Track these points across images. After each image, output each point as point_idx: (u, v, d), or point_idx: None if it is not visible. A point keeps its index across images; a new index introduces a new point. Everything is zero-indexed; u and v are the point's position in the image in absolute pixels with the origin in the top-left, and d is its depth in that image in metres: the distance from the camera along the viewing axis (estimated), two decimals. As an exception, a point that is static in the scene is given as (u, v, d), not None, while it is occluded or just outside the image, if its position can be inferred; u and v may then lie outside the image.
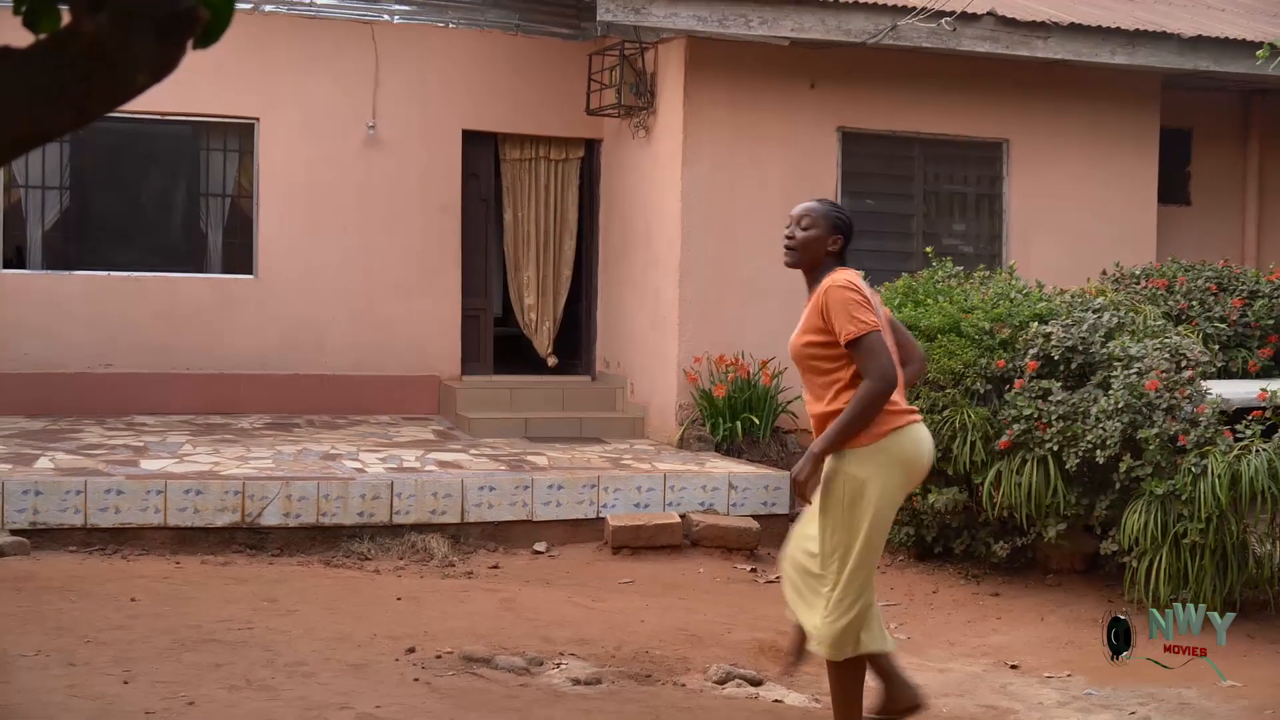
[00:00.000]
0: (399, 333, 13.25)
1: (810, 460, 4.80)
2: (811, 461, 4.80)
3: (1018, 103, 12.84)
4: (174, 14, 1.24)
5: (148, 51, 1.24)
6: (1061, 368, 8.17)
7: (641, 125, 12.55)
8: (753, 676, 6.16)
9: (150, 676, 5.44)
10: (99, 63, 1.23)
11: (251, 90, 12.82)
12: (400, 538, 8.98)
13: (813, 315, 4.98)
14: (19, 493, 8.51)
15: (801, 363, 5.04)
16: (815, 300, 4.99)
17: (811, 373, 5.00)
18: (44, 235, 12.76)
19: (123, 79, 1.25)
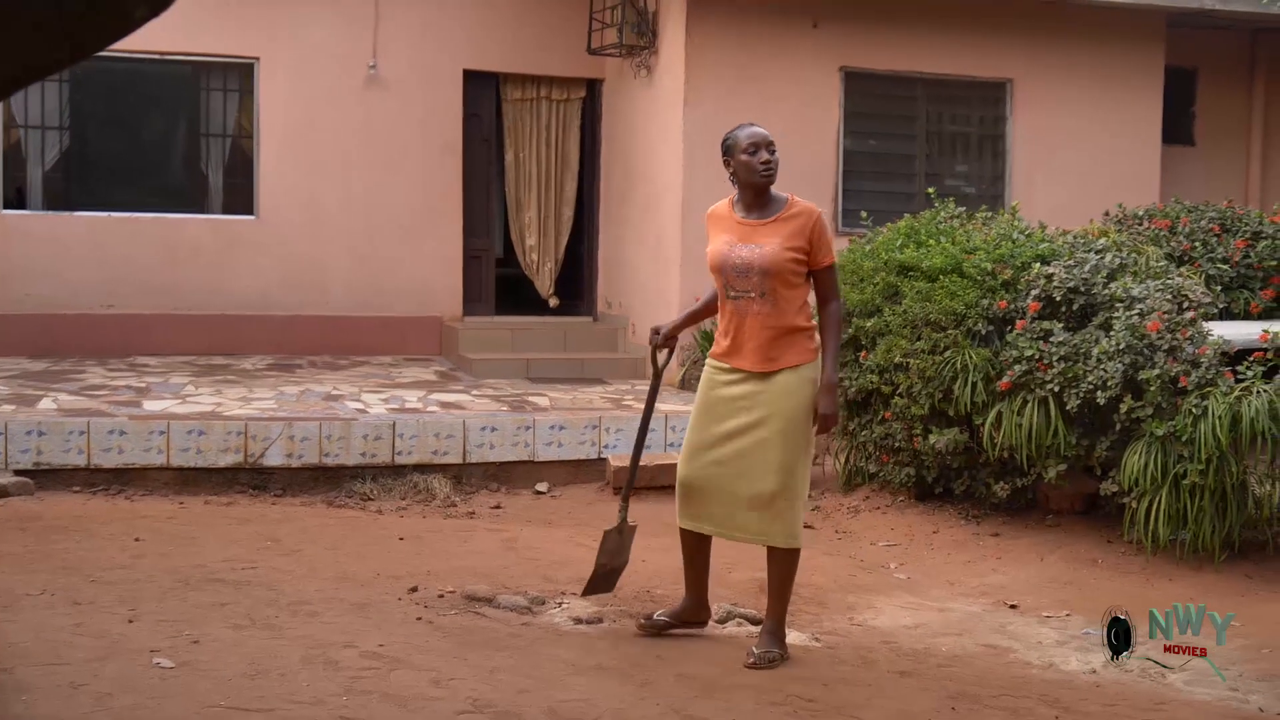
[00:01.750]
0: (401, 274, 13.24)
1: (833, 392, 5.37)
2: (834, 393, 5.38)
3: (1021, 43, 12.76)
4: (172, -52, 1.23)
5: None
6: (1063, 309, 8.16)
7: (643, 65, 12.49)
8: (753, 615, 6.19)
9: (155, 615, 5.48)
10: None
11: (251, 29, 12.75)
12: (402, 478, 9.01)
13: (798, 235, 5.39)
14: (22, 433, 8.53)
15: (775, 276, 5.37)
16: (801, 223, 5.42)
17: (783, 286, 5.38)
18: (44, 175, 12.73)
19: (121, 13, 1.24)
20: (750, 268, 5.43)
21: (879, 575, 7.61)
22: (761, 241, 5.42)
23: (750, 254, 5.44)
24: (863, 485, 9.37)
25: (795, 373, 5.37)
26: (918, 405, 8.50)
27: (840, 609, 6.74)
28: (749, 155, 5.50)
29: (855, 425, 9.25)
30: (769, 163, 5.48)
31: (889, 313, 8.78)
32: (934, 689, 5.23)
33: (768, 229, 5.45)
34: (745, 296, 5.47)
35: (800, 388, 5.36)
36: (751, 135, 5.54)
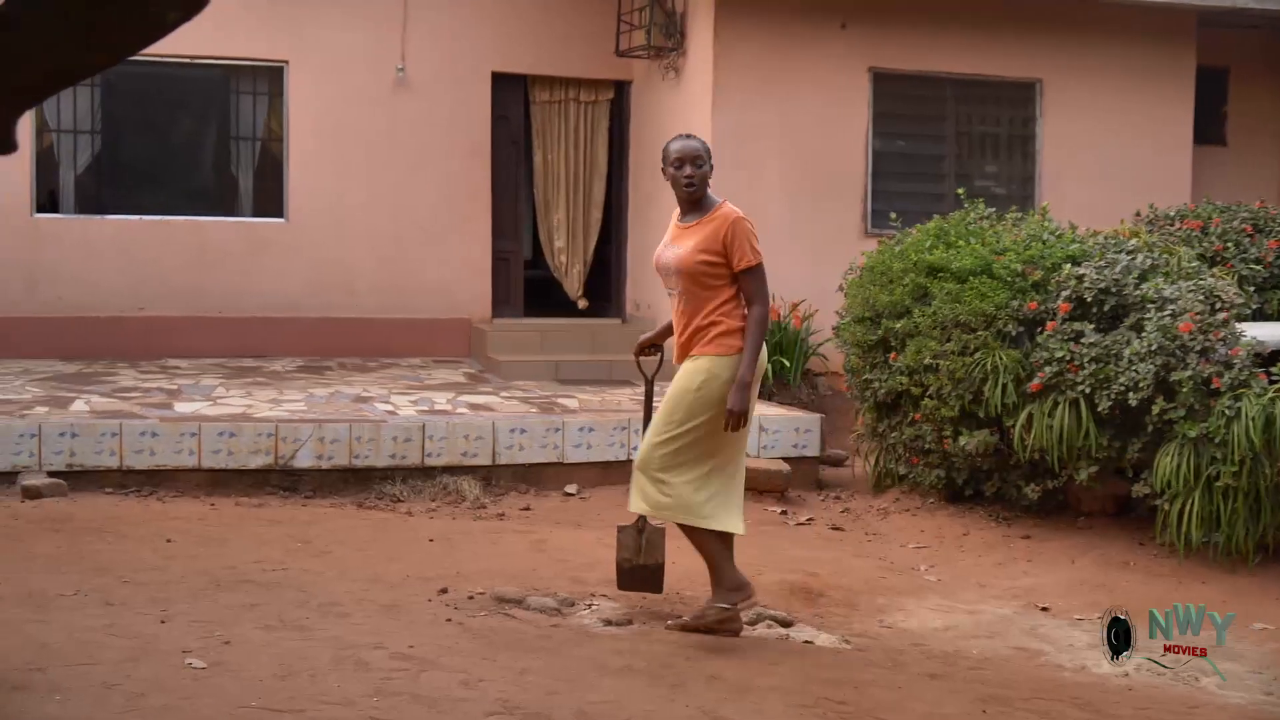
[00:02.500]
0: (429, 275, 13.26)
1: (745, 390, 5.61)
2: (746, 391, 5.61)
3: (1051, 43, 12.71)
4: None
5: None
6: (1094, 310, 8.12)
7: (671, 66, 12.48)
8: (783, 618, 6.18)
9: (187, 616, 5.50)
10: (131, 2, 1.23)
11: (281, 33, 12.80)
12: (432, 479, 9.02)
13: (711, 239, 5.70)
14: (56, 435, 8.58)
15: (687, 276, 5.73)
16: (715, 227, 5.74)
17: (697, 286, 5.72)
18: (76, 179, 12.81)
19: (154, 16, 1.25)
20: (669, 268, 5.84)
21: (909, 577, 7.58)
22: (682, 244, 5.79)
23: (670, 255, 5.84)
24: (892, 487, 9.34)
25: (694, 361, 5.76)
26: (948, 407, 8.47)
27: (870, 611, 6.72)
28: (675, 169, 5.90)
29: (885, 427, 9.23)
30: (691, 178, 5.83)
31: (918, 314, 8.75)
32: (965, 692, 5.21)
33: (690, 232, 5.81)
34: (672, 295, 5.91)
35: (694, 374, 5.72)
36: (679, 150, 5.91)
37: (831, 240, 11.87)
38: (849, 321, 9.54)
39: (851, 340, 9.44)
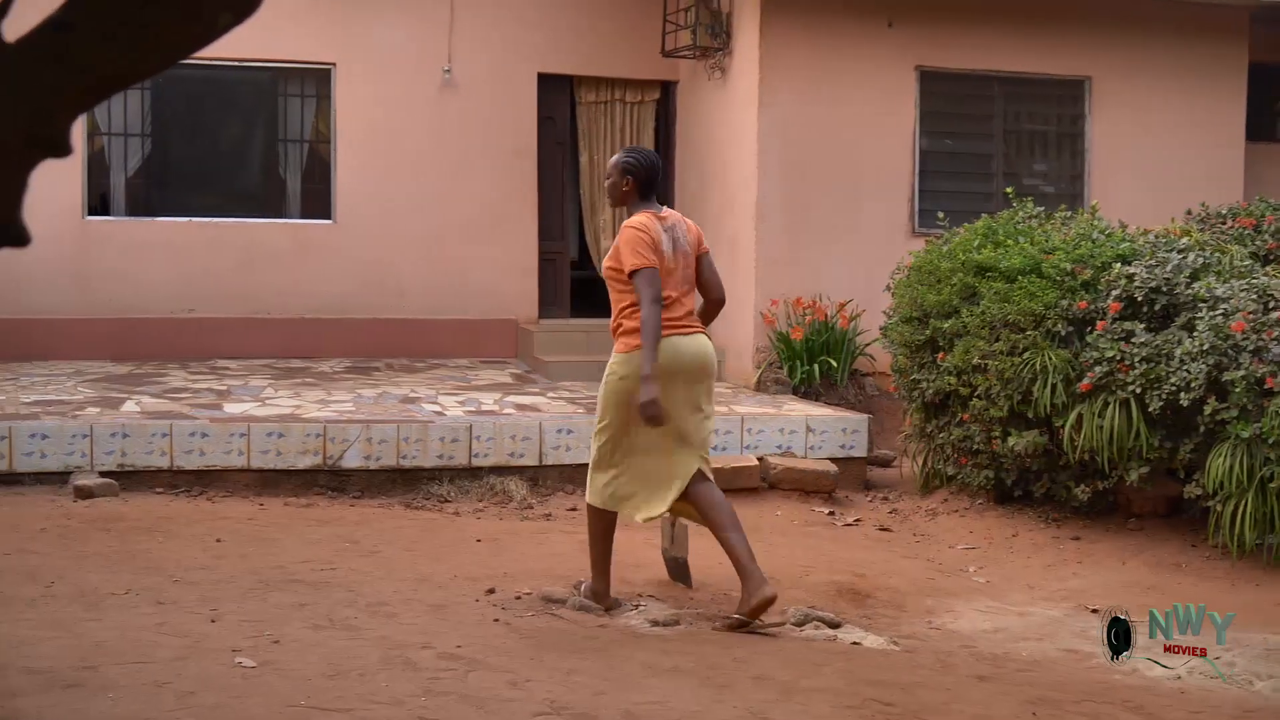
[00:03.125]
0: (476, 276, 13.30)
1: (648, 383, 5.89)
2: (649, 384, 5.89)
3: (1100, 39, 12.61)
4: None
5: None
6: (1145, 309, 8.05)
7: (717, 66, 12.47)
8: (831, 619, 6.16)
9: (236, 615, 5.54)
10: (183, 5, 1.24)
11: (328, 35, 12.87)
12: (479, 480, 9.05)
13: (613, 248, 6.19)
14: (107, 435, 8.66)
15: (607, 282, 6.24)
16: (618, 237, 6.18)
17: (611, 290, 6.22)
18: (127, 182, 12.93)
19: (207, 20, 1.25)
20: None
21: (957, 579, 7.54)
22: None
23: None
24: (941, 488, 9.30)
25: (610, 361, 6.18)
26: (996, 407, 8.42)
27: (919, 612, 6.69)
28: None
29: (933, 427, 9.18)
30: (609, 187, 6.37)
31: (967, 314, 8.71)
32: (1014, 694, 5.18)
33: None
34: None
35: (608, 373, 6.17)
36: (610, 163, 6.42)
37: (878, 240, 11.83)
38: (896, 321, 9.50)
39: (899, 340, 9.40)
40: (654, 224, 6.13)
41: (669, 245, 6.16)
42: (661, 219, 6.20)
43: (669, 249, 6.15)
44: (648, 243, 6.03)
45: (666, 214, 6.29)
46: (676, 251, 6.20)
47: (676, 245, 6.21)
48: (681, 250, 6.22)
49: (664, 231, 6.16)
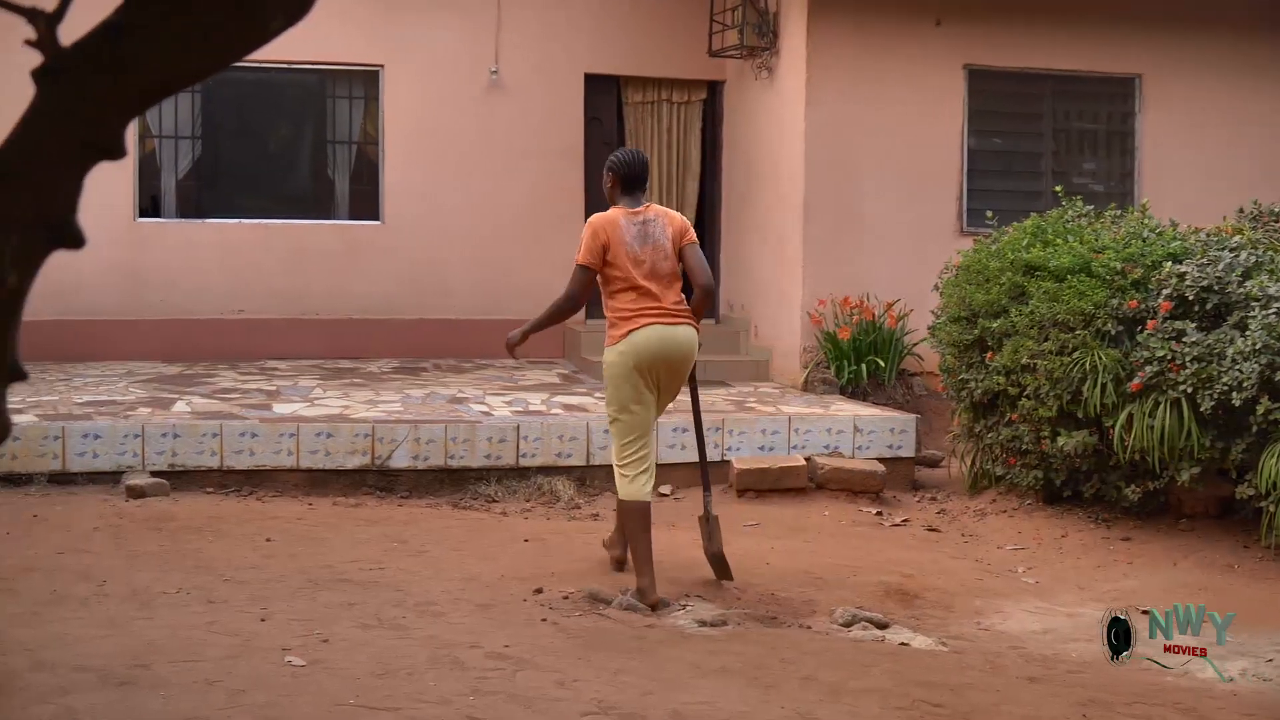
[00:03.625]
0: (522, 276, 13.32)
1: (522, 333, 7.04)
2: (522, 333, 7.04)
3: (1151, 37, 12.50)
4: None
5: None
6: (1196, 308, 7.97)
7: (764, 66, 12.45)
8: (879, 619, 6.14)
9: (286, 614, 5.57)
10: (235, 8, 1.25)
11: (376, 37, 12.93)
12: (526, 480, 9.07)
13: None
14: (158, 436, 8.74)
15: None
16: None
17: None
18: (177, 184, 13.04)
19: (258, 24, 1.26)
20: None
21: (1006, 579, 7.50)
22: None
23: None
24: (989, 488, 9.25)
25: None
26: (1045, 407, 8.36)
27: (967, 613, 6.66)
28: None
29: (981, 427, 9.14)
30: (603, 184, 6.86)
31: (1015, 313, 8.65)
32: (1064, 695, 5.14)
33: None
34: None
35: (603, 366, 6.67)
36: None
37: (926, 239, 11.77)
38: (944, 321, 9.46)
39: (947, 340, 9.36)
40: (615, 220, 6.51)
41: (636, 239, 6.50)
42: (634, 214, 6.56)
43: (635, 242, 6.49)
44: (591, 242, 6.51)
45: (644, 209, 6.61)
46: (646, 244, 6.51)
47: (648, 238, 6.52)
48: (654, 242, 6.52)
49: (632, 225, 6.52)
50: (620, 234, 6.48)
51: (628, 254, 6.47)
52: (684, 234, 6.63)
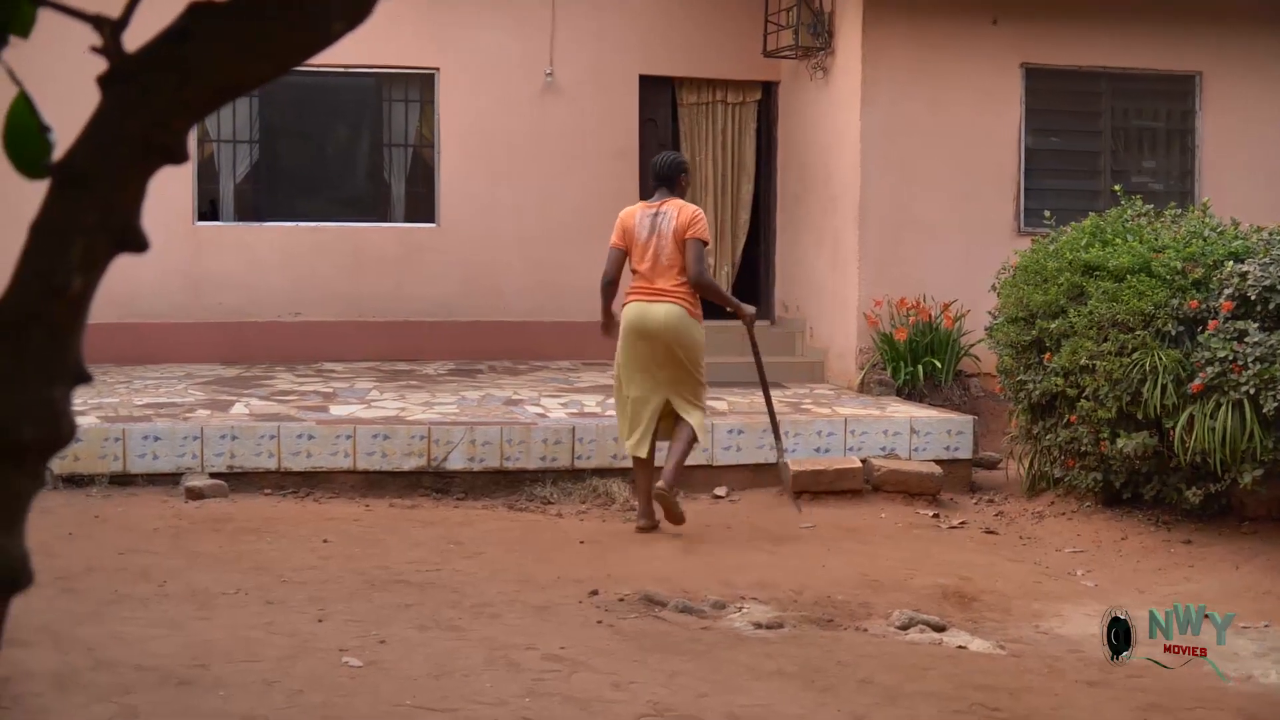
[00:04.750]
0: (577, 278, 13.32)
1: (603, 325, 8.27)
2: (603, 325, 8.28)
3: (1211, 34, 12.36)
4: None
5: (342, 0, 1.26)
6: (1259, 308, 7.87)
7: (819, 66, 12.41)
8: (936, 622, 6.10)
9: (343, 615, 5.61)
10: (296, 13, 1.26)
11: (431, 41, 12.99)
12: (582, 482, 9.07)
13: None
14: (217, 437, 8.81)
15: None
16: None
17: None
18: (235, 188, 13.15)
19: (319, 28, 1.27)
20: None
21: (1065, 582, 7.44)
22: None
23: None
24: (1047, 490, 9.17)
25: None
26: (1104, 408, 8.29)
27: (1025, 616, 6.60)
28: None
29: (1039, 429, 9.06)
30: None
31: (1074, 314, 8.58)
32: (1124, 700, 5.09)
33: None
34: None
35: None
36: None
37: (983, 239, 11.70)
38: (1002, 322, 9.39)
39: (1005, 341, 9.29)
40: (633, 212, 7.93)
41: (645, 228, 7.76)
42: (651, 207, 7.84)
43: (644, 231, 7.76)
44: (616, 227, 7.94)
45: (661, 203, 7.83)
46: (652, 234, 7.74)
47: (654, 229, 7.74)
48: (659, 233, 7.72)
49: (645, 217, 7.79)
50: (634, 223, 7.80)
51: (636, 241, 7.78)
52: (687, 228, 7.69)
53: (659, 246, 7.71)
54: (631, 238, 7.79)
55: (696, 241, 7.68)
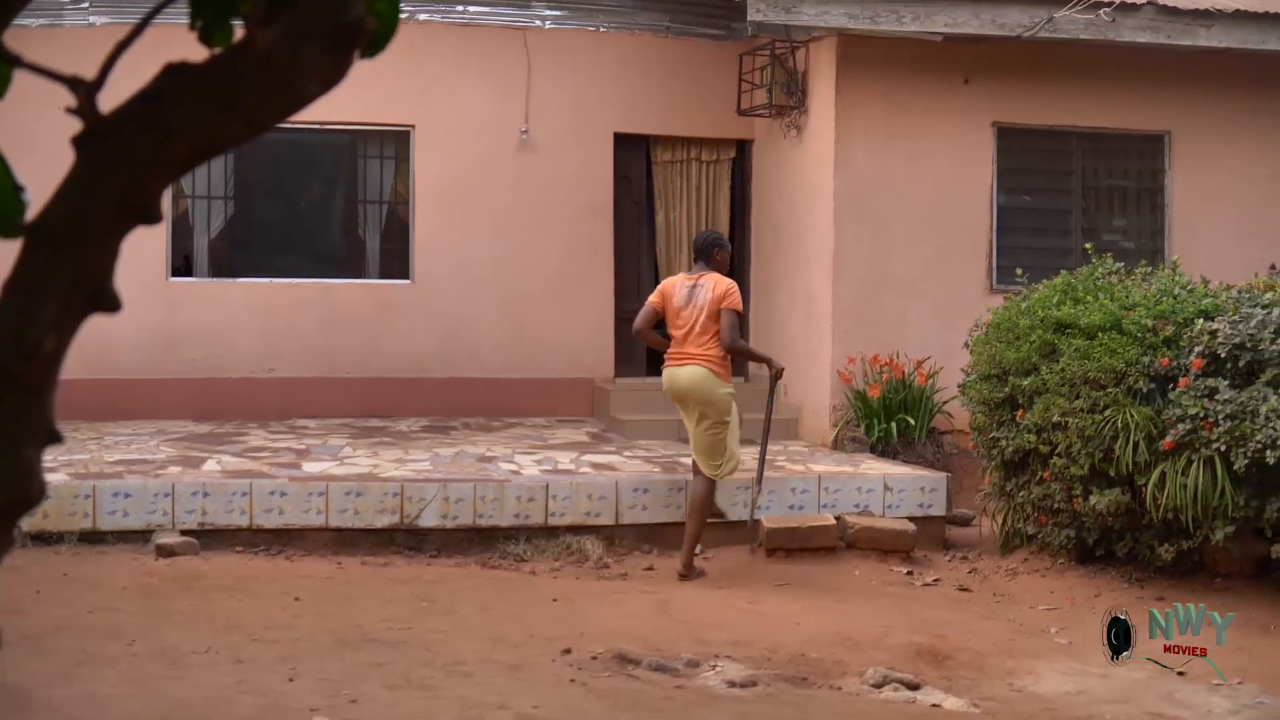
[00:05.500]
0: (552, 335, 13.36)
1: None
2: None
3: (1179, 94, 12.50)
4: (343, 25, 1.26)
5: (318, 63, 1.27)
6: (1229, 365, 7.93)
7: (793, 125, 12.50)
8: (910, 680, 6.09)
9: (314, 674, 5.56)
10: (271, 75, 1.26)
11: (407, 98, 13.03)
12: (555, 539, 9.05)
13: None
14: (188, 494, 8.76)
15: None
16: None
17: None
18: (210, 244, 13.13)
19: (294, 90, 1.28)
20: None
21: (1039, 639, 7.43)
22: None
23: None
24: (1021, 547, 9.18)
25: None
26: (1077, 465, 8.32)
27: (999, 674, 6.59)
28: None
29: (1012, 486, 9.08)
30: None
31: (1046, 371, 8.62)
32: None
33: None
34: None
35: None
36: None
37: (956, 297, 11.76)
38: (975, 379, 9.43)
39: (977, 398, 9.33)
40: (675, 282, 8.80)
41: (683, 298, 8.58)
42: (690, 278, 8.67)
43: (681, 301, 8.58)
44: (656, 291, 8.92)
45: (699, 276, 8.63)
46: (689, 304, 8.55)
47: (691, 300, 8.54)
48: (695, 304, 8.53)
49: (684, 288, 8.63)
50: (674, 292, 8.65)
51: (673, 308, 8.60)
52: (721, 300, 8.47)
53: (695, 316, 8.51)
54: (670, 306, 8.62)
55: (731, 312, 8.49)
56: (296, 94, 1.25)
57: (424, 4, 13.02)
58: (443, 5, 13.15)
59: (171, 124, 1.23)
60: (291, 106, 1.26)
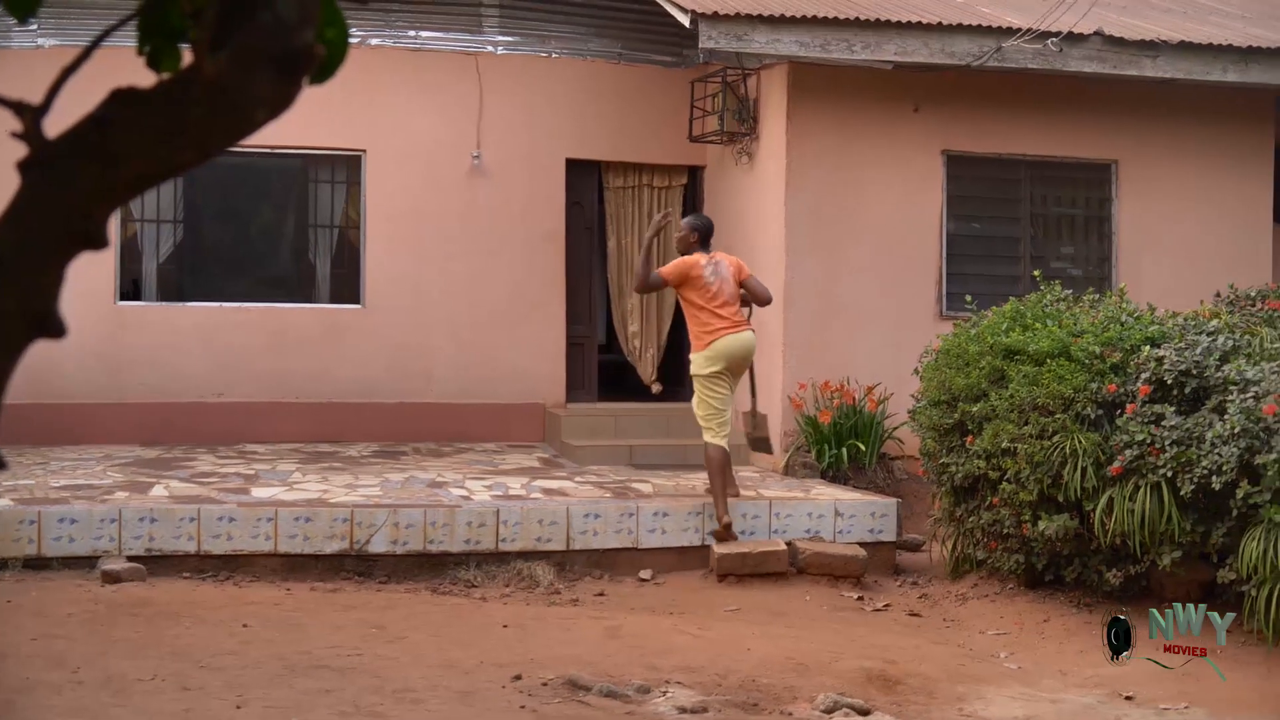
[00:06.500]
0: (504, 360, 13.34)
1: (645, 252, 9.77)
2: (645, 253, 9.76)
3: (1127, 123, 12.65)
4: (292, 51, 1.26)
5: (267, 89, 1.27)
6: (1175, 392, 8.01)
7: (745, 151, 12.56)
8: (860, 706, 6.10)
9: (262, 701, 5.51)
10: (220, 101, 1.26)
11: (358, 123, 13.01)
12: (506, 565, 9.01)
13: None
14: (135, 520, 8.68)
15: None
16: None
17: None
18: (159, 268, 13.05)
19: (243, 116, 1.28)
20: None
21: (989, 664, 7.46)
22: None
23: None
24: (970, 572, 9.22)
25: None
26: (1026, 491, 8.37)
27: (949, 699, 6.61)
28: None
29: (962, 511, 9.13)
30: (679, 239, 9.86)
31: (995, 397, 8.68)
32: (1049, 783, 5.10)
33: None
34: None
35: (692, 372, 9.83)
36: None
37: (906, 323, 11.83)
38: (925, 405, 9.48)
39: (927, 424, 9.37)
40: (698, 261, 9.43)
41: (712, 274, 9.42)
42: (710, 258, 9.49)
43: (712, 277, 9.41)
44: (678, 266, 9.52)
45: (713, 255, 9.55)
46: (718, 278, 9.42)
47: (718, 274, 9.43)
48: (722, 277, 9.43)
49: (708, 266, 9.42)
50: (701, 271, 9.40)
51: (705, 284, 9.38)
52: (740, 270, 9.58)
53: (725, 288, 9.43)
54: (700, 282, 9.39)
55: (755, 277, 9.72)
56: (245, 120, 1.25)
57: (376, 29, 13.02)
58: (394, 31, 13.16)
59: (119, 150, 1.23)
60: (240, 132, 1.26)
